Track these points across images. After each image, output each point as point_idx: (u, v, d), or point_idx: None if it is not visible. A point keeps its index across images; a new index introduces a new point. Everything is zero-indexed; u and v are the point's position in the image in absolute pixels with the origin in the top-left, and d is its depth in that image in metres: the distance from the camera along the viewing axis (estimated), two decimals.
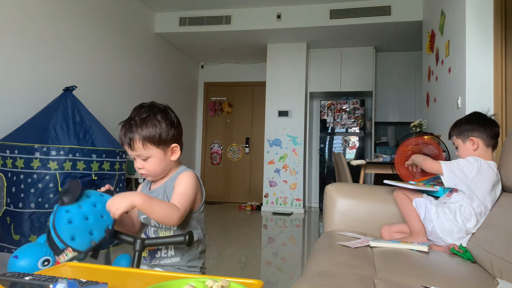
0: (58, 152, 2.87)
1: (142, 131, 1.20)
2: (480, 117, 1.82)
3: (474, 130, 1.76)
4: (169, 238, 1.14)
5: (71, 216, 1.04)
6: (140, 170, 1.26)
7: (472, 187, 1.65)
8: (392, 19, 5.13)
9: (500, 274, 1.34)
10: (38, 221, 2.81)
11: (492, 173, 1.66)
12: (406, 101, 6.34)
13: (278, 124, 6.26)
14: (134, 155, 1.24)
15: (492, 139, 1.75)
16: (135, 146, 1.21)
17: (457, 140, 1.82)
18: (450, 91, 3.37)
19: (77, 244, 1.03)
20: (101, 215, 1.09)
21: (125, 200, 1.08)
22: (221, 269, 2.88)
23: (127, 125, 1.23)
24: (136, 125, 1.21)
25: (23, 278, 0.81)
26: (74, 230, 1.04)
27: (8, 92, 3.39)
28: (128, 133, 1.22)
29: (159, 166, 1.25)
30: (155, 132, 1.21)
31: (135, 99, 5.27)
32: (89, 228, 1.06)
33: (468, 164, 1.69)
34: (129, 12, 5.14)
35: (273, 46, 6.29)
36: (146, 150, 1.22)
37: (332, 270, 1.34)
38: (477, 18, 2.93)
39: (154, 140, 1.21)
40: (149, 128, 1.21)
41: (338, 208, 2.06)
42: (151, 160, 1.23)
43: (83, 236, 1.04)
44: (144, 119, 1.22)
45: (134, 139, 1.21)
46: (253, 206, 6.35)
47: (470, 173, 1.67)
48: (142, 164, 1.24)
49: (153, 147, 1.22)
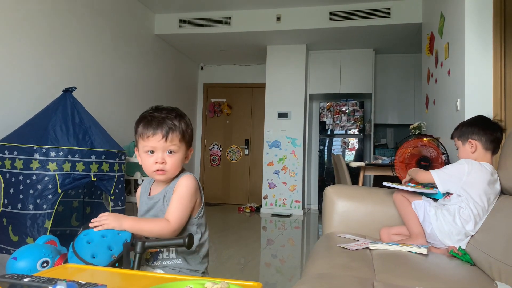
0: (58, 153, 2.87)
1: (182, 125, 1.21)
2: (483, 120, 1.84)
3: (474, 133, 1.78)
4: (169, 240, 1.14)
5: (90, 237, 1.09)
6: (159, 166, 1.20)
7: (466, 188, 1.67)
8: (392, 21, 5.14)
9: (499, 277, 1.34)
10: (37, 222, 2.80)
11: (486, 172, 1.67)
12: (406, 103, 6.35)
13: (277, 126, 6.26)
14: (161, 148, 1.19)
15: (492, 143, 1.76)
16: (173, 137, 1.19)
17: (458, 141, 1.85)
18: (449, 93, 3.37)
19: (98, 261, 1.06)
20: (118, 233, 1.12)
21: (117, 221, 1.12)
22: (220, 271, 2.88)
23: (158, 117, 1.19)
24: (172, 118, 1.20)
25: (22, 280, 0.81)
26: (94, 248, 1.07)
27: (7, 93, 3.39)
28: (166, 122, 1.19)
29: (179, 164, 1.24)
30: (190, 130, 1.24)
31: (134, 101, 5.27)
32: (108, 244, 1.09)
33: (459, 167, 1.72)
34: (129, 13, 5.15)
35: (272, 48, 6.30)
36: (180, 144, 1.21)
37: (331, 272, 1.34)
38: (476, 20, 2.94)
39: (187, 137, 1.23)
40: (186, 125, 1.23)
41: (337, 210, 2.06)
42: (177, 155, 1.22)
43: (103, 252, 1.07)
44: (180, 115, 1.23)
45: (175, 130, 1.20)
46: (252, 208, 6.35)
47: (463, 176, 1.69)
48: (165, 158, 1.20)
49: (183, 144, 1.23)
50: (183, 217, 1.20)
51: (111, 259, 1.07)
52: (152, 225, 1.18)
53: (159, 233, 1.17)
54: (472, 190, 1.66)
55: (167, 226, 1.16)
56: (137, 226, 1.15)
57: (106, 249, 1.08)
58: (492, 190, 1.67)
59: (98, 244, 1.08)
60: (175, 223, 1.18)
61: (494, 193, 1.67)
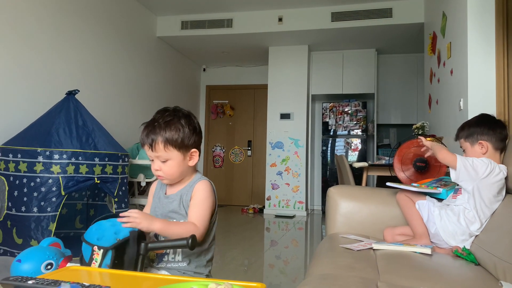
0: (61, 155, 2.88)
1: (165, 133, 1.23)
2: (489, 119, 1.78)
3: (484, 133, 1.72)
4: (172, 241, 1.14)
5: (99, 224, 1.13)
6: (157, 172, 1.27)
7: (480, 187, 1.62)
8: (394, 21, 5.13)
9: (504, 277, 1.33)
10: (41, 225, 2.81)
11: (502, 177, 1.63)
12: (408, 103, 6.34)
13: (280, 127, 6.26)
14: (154, 156, 1.25)
15: (502, 142, 1.72)
16: (156, 147, 1.23)
17: (465, 143, 1.78)
18: (452, 93, 3.36)
19: (102, 242, 1.08)
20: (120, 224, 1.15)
21: (148, 222, 1.13)
22: (223, 272, 2.88)
23: (150, 126, 1.25)
24: (160, 127, 1.23)
25: (27, 282, 0.81)
26: (100, 232, 1.11)
27: (10, 96, 3.41)
28: (151, 134, 1.24)
29: (177, 170, 1.26)
30: (177, 135, 1.24)
31: (137, 103, 5.28)
32: (115, 230, 1.12)
33: (483, 164, 1.64)
34: (131, 16, 5.17)
35: (274, 49, 6.30)
36: (167, 152, 1.23)
37: (335, 273, 1.34)
38: (479, 19, 2.93)
39: (176, 143, 1.24)
40: (173, 131, 1.24)
41: (341, 210, 2.05)
42: (170, 162, 1.25)
43: (108, 235, 1.10)
44: (168, 122, 1.24)
45: (157, 140, 1.23)
46: (255, 209, 6.34)
47: (482, 173, 1.62)
48: (160, 166, 1.25)
49: (174, 150, 1.24)
50: (206, 220, 1.24)
51: (114, 241, 1.09)
52: (182, 228, 1.19)
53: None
54: (485, 190, 1.61)
55: (196, 230, 1.19)
56: (167, 228, 1.16)
57: (112, 233, 1.10)
58: (502, 192, 1.64)
59: (105, 228, 1.12)
60: (201, 226, 1.21)
61: (502, 196, 1.64)
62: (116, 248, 1.07)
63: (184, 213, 1.27)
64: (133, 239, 1.10)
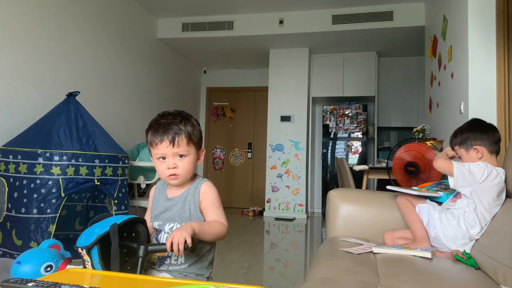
0: (61, 157, 2.88)
1: (187, 128, 1.23)
2: (480, 123, 1.79)
3: (477, 138, 1.72)
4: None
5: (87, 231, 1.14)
6: (171, 171, 1.22)
7: (478, 192, 1.62)
8: (395, 25, 5.14)
9: (504, 281, 1.33)
10: (40, 226, 2.81)
11: (500, 180, 1.63)
12: (409, 106, 6.34)
13: (280, 129, 6.26)
14: (171, 154, 1.21)
15: (495, 145, 1.73)
16: (180, 142, 1.21)
17: (460, 149, 1.79)
18: (453, 96, 3.37)
19: (83, 242, 1.09)
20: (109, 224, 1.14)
21: (187, 232, 1.08)
22: (223, 275, 2.88)
23: (164, 124, 1.21)
24: (177, 123, 1.22)
25: (26, 284, 0.81)
26: (83, 234, 1.12)
27: (11, 97, 3.41)
28: (171, 129, 1.20)
29: (192, 167, 1.26)
30: (196, 131, 1.25)
31: (138, 105, 5.29)
32: (94, 229, 1.13)
33: (479, 168, 1.65)
34: (132, 18, 5.18)
35: (275, 52, 6.31)
36: (188, 148, 1.23)
37: (335, 277, 1.33)
38: (480, 23, 2.93)
39: (196, 139, 1.25)
40: (192, 127, 1.24)
41: (341, 214, 2.05)
42: (188, 159, 1.24)
43: (88, 234, 1.11)
44: (185, 118, 1.24)
45: (181, 135, 1.21)
46: (255, 212, 6.34)
47: (480, 178, 1.63)
48: (176, 163, 1.22)
49: (193, 146, 1.25)
50: (225, 218, 1.26)
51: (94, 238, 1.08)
52: (214, 227, 1.21)
53: (220, 234, 1.22)
54: (483, 194, 1.61)
55: (225, 228, 1.23)
56: (202, 228, 1.16)
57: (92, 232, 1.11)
58: (501, 196, 1.64)
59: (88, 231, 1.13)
60: (226, 223, 1.25)
61: (502, 200, 1.64)
62: (99, 243, 1.07)
63: (187, 216, 1.25)
64: (113, 231, 1.09)
